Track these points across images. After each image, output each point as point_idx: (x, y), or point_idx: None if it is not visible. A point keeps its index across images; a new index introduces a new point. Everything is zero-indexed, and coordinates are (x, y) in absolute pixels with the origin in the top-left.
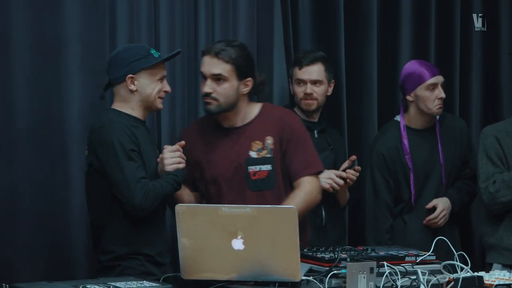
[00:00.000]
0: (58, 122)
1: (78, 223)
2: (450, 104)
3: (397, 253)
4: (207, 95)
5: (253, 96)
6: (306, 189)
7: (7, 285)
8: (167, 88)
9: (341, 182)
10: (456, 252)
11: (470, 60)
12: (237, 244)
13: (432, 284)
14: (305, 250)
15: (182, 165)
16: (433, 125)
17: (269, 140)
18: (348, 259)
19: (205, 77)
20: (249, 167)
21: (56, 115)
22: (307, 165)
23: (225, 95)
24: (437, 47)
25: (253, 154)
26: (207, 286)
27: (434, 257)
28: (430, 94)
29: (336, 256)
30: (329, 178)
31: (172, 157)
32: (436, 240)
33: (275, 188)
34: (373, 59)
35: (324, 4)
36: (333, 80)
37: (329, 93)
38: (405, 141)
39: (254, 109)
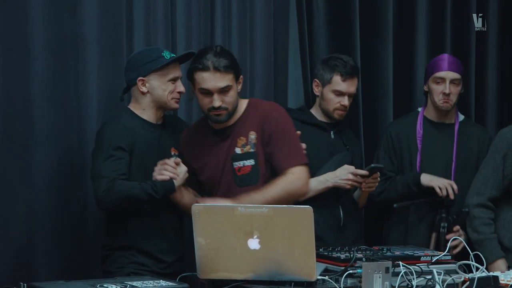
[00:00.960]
0: (77, 122)
1: (96, 223)
2: (465, 102)
3: (412, 253)
4: (217, 109)
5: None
6: (289, 178)
7: (25, 284)
8: (180, 88)
9: (358, 184)
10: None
11: (486, 61)
12: (253, 243)
13: (447, 284)
14: (320, 249)
15: (162, 177)
16: (453, 122)
17: (252, 135)
18: (363, 259)
19: (207, 93)
20: (234, 163)
21: (74, 115)
22: (291, 156)
23: (232, 102)
24: (453, 46)
25: (237, 150)
26: (223, 285)
27: (449, 257)
28: (436, 88)
29: (351, 256)
30: (348, 179)
31: (159, 168)
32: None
33: (259, 183)
34: (388, 59)
35: (339, 5)
36: None
37: None
38: (419, 127)
39: (242, 106)
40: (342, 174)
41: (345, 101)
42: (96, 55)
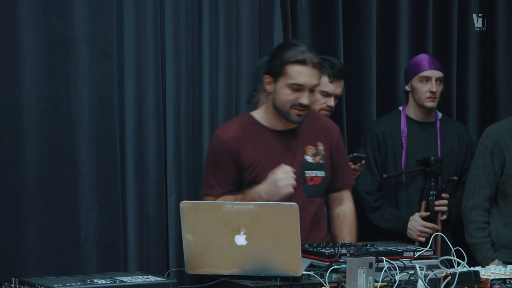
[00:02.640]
0: (67, 121)
1: (86, 220)
2: (446, 102)
3: (395, 249)
4: (303, 107)
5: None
6: (353, 209)
7: (17, 280)
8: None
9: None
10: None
11: (467, 59)
12: (240, 240)
13: (429, 279)
14: (306, 245)
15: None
16: (434, 120)
17: (321, 146)
18: (348, 255)
19: (297, 90)
20: (306, 172)
21: (64, 114)
22: (349, 178)
23: (312, 104)
24: (435, 46)
25: (308, 158)
26: (210, 280)
27: (431, 253)
28: (422, 86)
29: (336, 251)
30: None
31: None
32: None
33: (323, 196)
34: (372, 59)
35: (323, 7)
36: None
37: None
38: (403, 126)
39: None
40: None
41: (331, 102)
42: (86, 56)
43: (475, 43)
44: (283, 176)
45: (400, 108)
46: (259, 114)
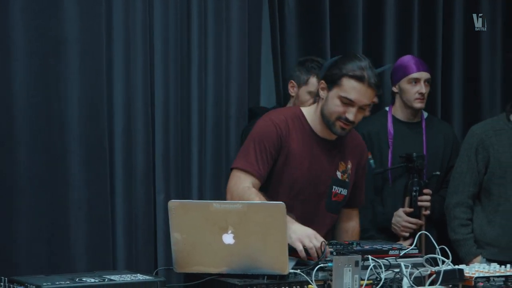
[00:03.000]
0: (57, 121)
1: (77, 218)
2: (431, 101)
3: (381, 247)
4: (349, 123)
5: None
6: (359, 231)
7: (6, 279)
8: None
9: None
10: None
11: (452, 59)
12: (228, 238)
13: (414, 277)
14: None
15: None
16: (420, 120)
17: (349, 165)
18: (334, 253)
19: (349, 103)
20: (334, 187)
21: (55, 114)
22: (362, 197)
23: (358, 121)
24: (420, 46)
25: (338, 174)
26: (198, 279)
27: (416, 251)
28: (411, 88)
29: (322, 250)
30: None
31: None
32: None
33: (338, 213)
34: None
35: (311, 8)
36: None
37: None
38: (390, 126)
39: None
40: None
41: None
42: (76, 56)
43: (460, 42)
44: (310, 239)
45: (387, 108)
46: (308, 113)
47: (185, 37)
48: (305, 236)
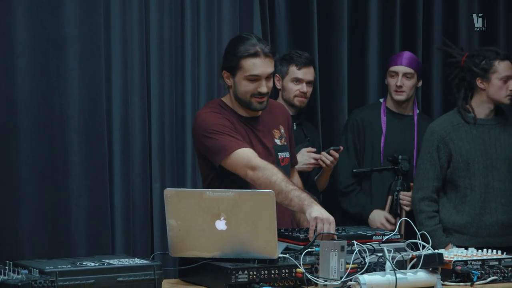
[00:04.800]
0: (58, 114)
1: (77, 206)
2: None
3: (365, 233)
4: (263, 95)
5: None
6: (301, 182)
7: (11, 263)
8: None
9: (318, 165)
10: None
11: (431, 55)
12: (220, 225)
13: (397, 261)
14: (282, 230)
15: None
16: (411, 114)
17: (282, 129)
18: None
19: (255, 80)
20: (278, 154)
21: (56, 108)
22: (295, 155)
23: (270, 90)
24: (402, 44)
25: (277, 141)
26: (193, 262)
27: (398, 236)
28: (391, 80)
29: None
30: (310, 163)
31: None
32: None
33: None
34: (343, 56)
35: (299, 7)
36: None
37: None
38: (383, 114)
39: None
40: (304, 159)
41: (304, 88)
42: (77, 53)
43: (439, 40)
44: (324, 224)
45: (381, 100)
46: (227, 101)
47: (179, 36)
48: (325, 219)
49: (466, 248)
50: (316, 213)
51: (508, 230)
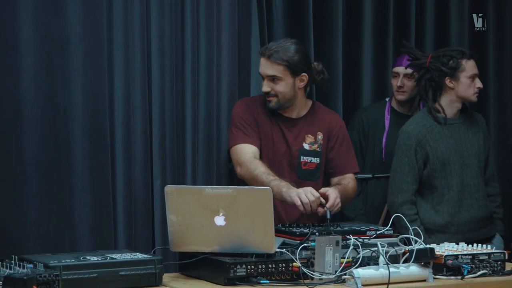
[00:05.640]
0: (62, 113)
1: (80, 203)
2: None
3: (359, 228)
4: (267, 93)
5: (318, 86)
6: (351, 185)
7: (16, 257)
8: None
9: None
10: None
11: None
12: (219, 220)
13: (390, 255)
14: (279, 225)
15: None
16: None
17: (320, 136)
18: (316, 233)
19: (263, 77)
20: (301, 157)
21: (60, 107)
22: (351, 164)
23: (282, 92)
24: (395, 46)
25: (306, 146)
26: (192, 257)
27: (391, 231)
28: (393, 81)
29: (307, 231)
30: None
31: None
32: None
33: (318, 181)
34: (338, 59)
35: (295, 9)
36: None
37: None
38: (387, 113)
39: (307, 105)
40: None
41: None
42: (80, 53)
43: (431, 41)
44: (306, 194)
45: (387, 99)
46: None
47: (179, 37)
48: (302, 192)
49: (457, 243)
50: (294, 191)
51: (483, 223)
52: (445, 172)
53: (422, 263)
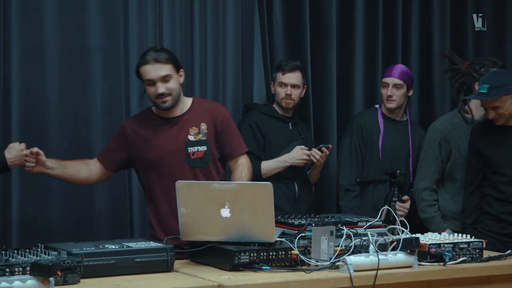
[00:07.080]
0: (83, 116)
1: (100, 197)
2: None
3: (351, 220)
4: (162, 95)
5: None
6: (248, 165)
7: (42, 245)
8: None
9: (310, 162)
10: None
11: (409, 67)
12: (225, 212)
13: (379, 244)
14: (279, 217)
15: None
16: (405, 120)
17: (203, 126)
18: (313, 224)
19: (152, 83)
20: (188, 148)
21: (81, 110)
22: (240, 145)
23: (175, 89)
24: (384, 54)
25: (191, 137)
26: (201, 245)
27: (380, 223)
28: (383, 90)
29: (304, 222)
30: (303, 159)
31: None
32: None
33: (210, 166)
34: (332, 65)
35: (294, 22)
36: (305, 85)
37: (302, 95)
38: (380, 118)
39: (187, 102)
40: (298, 155)
41: (288, 90)
42: (99, 62)
43: (416, 49)
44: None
45: (377, 106)
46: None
47: (188, 47)
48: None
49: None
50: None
51: None
52: (465, 166)
53: (408, 251)
